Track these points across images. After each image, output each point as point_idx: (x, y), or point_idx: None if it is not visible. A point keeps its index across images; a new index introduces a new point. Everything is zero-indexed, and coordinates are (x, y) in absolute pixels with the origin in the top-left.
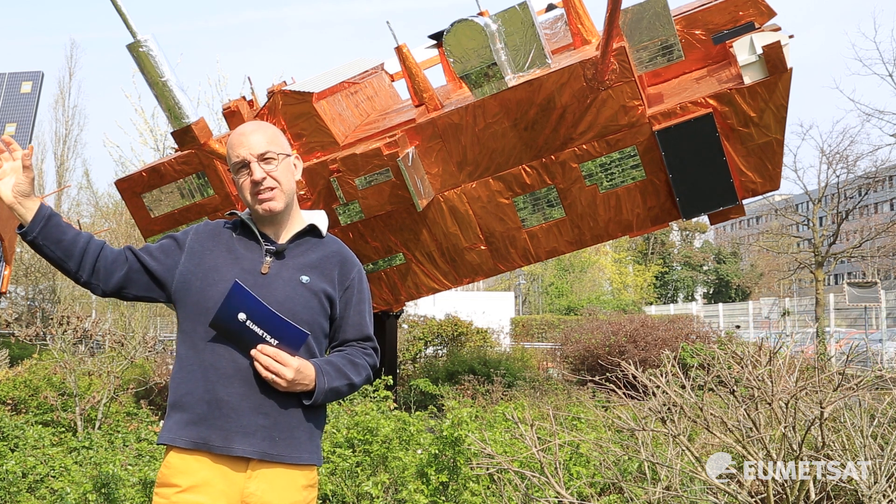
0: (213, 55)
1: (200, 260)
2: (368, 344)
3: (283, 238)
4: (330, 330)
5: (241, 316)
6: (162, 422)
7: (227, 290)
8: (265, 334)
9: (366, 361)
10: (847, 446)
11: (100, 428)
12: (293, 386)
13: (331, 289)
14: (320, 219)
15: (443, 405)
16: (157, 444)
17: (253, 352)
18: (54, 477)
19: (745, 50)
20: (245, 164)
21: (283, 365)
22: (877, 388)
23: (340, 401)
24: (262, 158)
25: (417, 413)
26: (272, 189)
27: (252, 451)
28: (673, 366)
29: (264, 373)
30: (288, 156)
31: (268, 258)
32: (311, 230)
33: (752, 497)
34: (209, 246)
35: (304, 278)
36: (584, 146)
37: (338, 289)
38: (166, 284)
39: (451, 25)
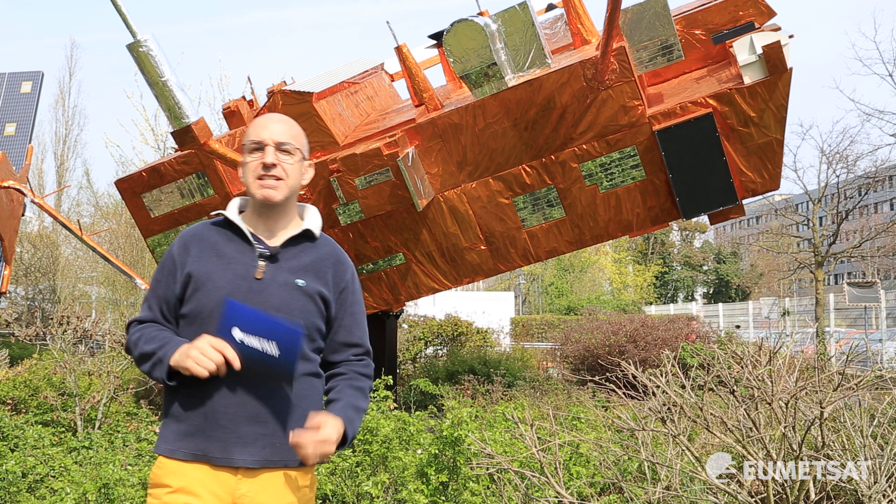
0: (216, 55)
1: (192, 270)
2: (361, 351)
3: (276, 239)
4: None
5: (237, 333)
6: (159, 428)
7: (220, 298)
8: (265, 347)
9: (368, 382)
10: (847, 446)
11: (100, 428)
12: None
13: (326, 290)
14: (314, 220)
15: (443, 405)
16: (155, 454)
17: (292, 441)
18: (54, 477)
19: (745, 50)
20: (260, 147)
21: (326, 443)
22: (877, 388)
23: None
24: (280, 148)
25: (417, 413)
26: (278, 179)
27: (253, 460)
28: (673, 366)
29: (314, 460)
30: (305, 158)
31: (261, 262)
32: (306, 234)
33: (752, 497)
34: (196, 254)
35: (300, 282)
36: (584, 146)
37: (332, 290)
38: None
39: (451, 25)
